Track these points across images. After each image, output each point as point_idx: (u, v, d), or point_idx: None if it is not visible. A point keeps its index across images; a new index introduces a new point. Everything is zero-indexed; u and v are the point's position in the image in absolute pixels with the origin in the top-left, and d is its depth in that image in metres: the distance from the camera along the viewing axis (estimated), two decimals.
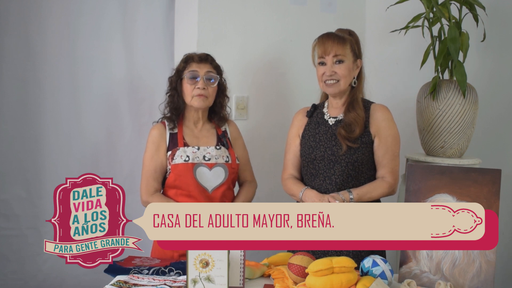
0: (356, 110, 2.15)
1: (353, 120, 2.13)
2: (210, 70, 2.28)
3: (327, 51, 2.13)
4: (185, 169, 2.21)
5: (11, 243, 2.86)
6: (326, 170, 2.15)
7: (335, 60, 2.13)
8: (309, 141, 2.21)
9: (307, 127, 2.26)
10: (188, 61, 2.29)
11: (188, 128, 2.31)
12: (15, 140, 2.86)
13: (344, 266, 1.67)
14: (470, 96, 2.46)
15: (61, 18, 2.87)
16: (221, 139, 2.32)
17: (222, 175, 2.26)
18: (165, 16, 3.03)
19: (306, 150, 2.21)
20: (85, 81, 2.93)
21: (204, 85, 2.24)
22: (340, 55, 2.12)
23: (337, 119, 2.20)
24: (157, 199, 2.22)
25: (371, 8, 3.18)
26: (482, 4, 2.48)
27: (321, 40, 2.16)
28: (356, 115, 2.13)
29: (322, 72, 2.17)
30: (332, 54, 2.12)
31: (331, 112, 2.24)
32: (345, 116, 2.17)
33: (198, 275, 1.66)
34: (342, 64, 2.13)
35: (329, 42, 2.13)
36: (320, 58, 2.16)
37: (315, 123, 2.24)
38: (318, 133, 2.21)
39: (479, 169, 1.89)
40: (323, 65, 2.16)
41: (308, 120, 2.27)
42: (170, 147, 2.25)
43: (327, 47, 2.13)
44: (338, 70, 2.14)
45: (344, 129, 2.13)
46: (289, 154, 2.30)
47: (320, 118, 2.24)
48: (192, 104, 2.26)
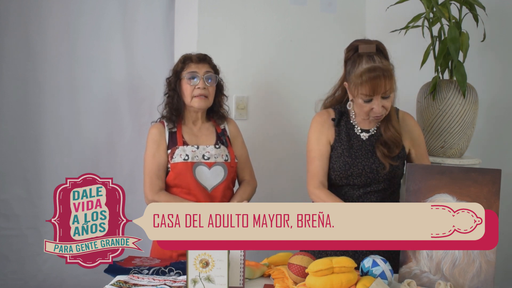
0: (394, 125, 2.07)
1: (393, 139, 2.06)
2: (209, 70, 2.28)
3: (377, 91, 1.96)
4: (185, 168, 2.21)
5: (11, 243, 2.86)
6: (363, 187, 2.09)
7: (383, 96, 1.99)
8: (344, 156, 2.09)
9: (338, 138, 2.13)
10: (186, 61, 2.29)
11: (187, 127, 2.32)
12: (15, 140, 2.86)
13: (344, 266, 1.67)
14: (470, 96, 2.46)
15: (61, 18, 2.87)
16: (220, 138, 2.33)
17: (222, 174, 2.26)
18: (165, 16, 3.04)
19: (341, 165, 2.09)
20: (85, 81, 2.93)
21: (204, 85, 2.25)
22: (388, 91, 1.98)
23: (370, 133, 2.11)
24: (163, 197, 2.22)
25: (371, 8, 3.18)
26: (482, 4, 2.47)
27: (369, 79, 1.95)
28: (395, 134, 2.06)
29: (368, 108, 2.01)
30: (381, 92, 1.97)
31: (361, 125, 2.13)
32: (384, 133, 2.08)
33: (198, 275, 1.66)
34: (389, 97, 2.01)
35: (380, 81, 1.95)
36: (367, 97, 1.99)
37: (346, 134, 2.12)
38: (352, 147, 2.10)
39: (479, 169, 1.89)
40: (369, 102, 2.00)
41: (337, 129, 2.14)
42: (170, 146, 2.25)
43: (376, 87, 1.96)
44: (386, 104, 2.01)
45: (385, 147, 2.06)
46: (319, 161, 2.13)
47: (350, 130, 2.13)
48: (193, 105, 2.26)
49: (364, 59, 1.98)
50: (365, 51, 2.00)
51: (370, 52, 1.99)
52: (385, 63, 1.98)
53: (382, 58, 1.99)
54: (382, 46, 2.05)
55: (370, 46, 2.01)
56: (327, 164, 2.12)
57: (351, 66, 2.03)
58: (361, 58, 1.99)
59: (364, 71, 1.96)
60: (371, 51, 1.99)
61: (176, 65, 2.33)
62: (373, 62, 1.97)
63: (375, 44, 2.02)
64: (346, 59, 2.08)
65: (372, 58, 1.98)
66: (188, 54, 2.34)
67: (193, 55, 2.32)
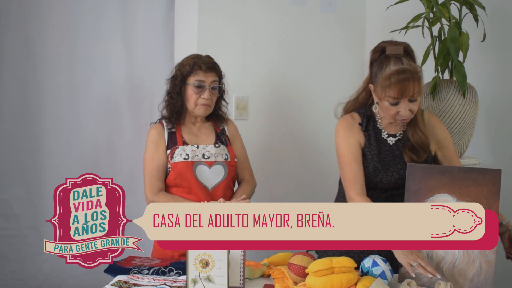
0: (421, 129, 2.02)
1: (421, 144, 2.01)
2: (216, 80, 2.27)
3: (405, 94, 1.90)
4: (185, 167, 2.21)
5: (11, 243, 2.86)
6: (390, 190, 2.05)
7: (410, 99, 1.93)
8: (374, 161, 2.03)
9: (368, 143, 2.06)
10: (195, 67, 2.24)
11: (186, 127, 2.31)
12: (15, 140, 2.86)
13: (344, 266, 1.67)
14: (470, 96, 2.46)
15: (61, 18, 2.87)
16: (219, 137, 2.33)
17: (222, 173, 2.26)
18: (165, 16, 3.03)
19: (371, 171, 2.02)
20: (85, 81, 2.93)
21: (209, 96, 2.24)
22: (416, 94, 1.91)
23: (397, 138, 2.06)
24: (163, 198, 2.22)
25: (371, 8, 3.18)
26: (482, 4, 2.48)
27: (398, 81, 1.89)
28: (423, 137, 2.01)
29: (395, 112, 1.95)
30: (409, 95, 1.91)
31: (388, 129, 2.07)
32: (412, 137, 2.02)
33: (198, 275, 1.66)
34: (417, 100, 1.94)
35: (409, 84, 1.89)
36: (395, 99, 1.92)
37: (375, 139, 2.06)
38: (381, 153, 2.04)
39: (479, 169, 1.89)
40: (396, 105, 1.94)
41: (366, 133, 2.07)
42: (169, 146, 2.25)
43: (405, 90, 1.89)
44: (412, 107, 1.94)
45: (413, 152, 2.01)
46: (356, 164, 2.02)
47: (378, 134, 2.07)
48: (195, 112, 2.26)
49: (392, 61, 1.91)
50: (393, 52, 1.93)
51: (398, 53, 1.93)
52: (413, 66, 1.92)
53: (410, 60, 1.93)
54: (409, 48, 1.97)
55: (398, 47, 1.95)
56: (362, 167, 2.03)
57: (377, 68, 1.96)
58: (389, 60, 1.93)
59: (392, 73, 1.89)
60: (399, 53, 1.93)
61: (182, 65, 2.27)
62: (401, 64, 1.90)
63: (403, 46, 1.95)
64: (372, 61, 2.01)
65: (400, 60, 1.91)
66: (198, 59, 2.27)
67: (203, 62, 2.25)
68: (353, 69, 3.23)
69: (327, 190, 3.21)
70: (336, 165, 3.22)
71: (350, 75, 3.23)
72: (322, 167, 3.18)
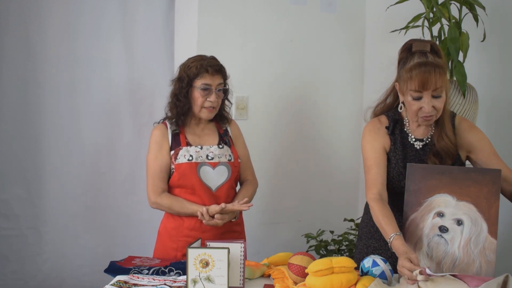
0: (448, 134, 1.95)
1: (446, 150, 1.94)
2: (222, 82, 2.26)
3: (426, 86, 1.85)
4: (189, 168, 2.20)
5: (11, 243, 2.86)
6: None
7: (434, 95, 1.87)
8: (398, 167, 1.97)
9: (393, 147, 2.00)
10: (201, 70, 2.21)
11: (190, 128, 2.31)
12: (15, 140, 2.86)
13: (344, 266, 1.67)
14: (470, 96, 2.46)
15: (61, 18, 2.87)
16: (223, 138, 2.33)
17: (226, 173, 2.26)
18: (165, 16, 3.04)
19: (395, 175, 1.97)
20: (85, 81, 2.93)
21: (215, 99, 2.23)
22: (439, 89, 1.86)
23: (424, 142, 2.00)
24: (166, 199, 2.22)
25: (371, 8, 3.18)
26: (482, 4, 2.48)
27: (419, 73, 1.85)
28: (449, 143, 1.94)
29: (417, 107, 1.90)
30: (432, 89, 1.86)
31: (415, 133, 2.01)
32: (437, 142, 1.96)
33: (198, 275, 1.66)
34: (441, 97, 1.89)
35: (430, 76, 1.84)
36: (417, 93, 1.88)
37: (401, 143, 2.00)
38: (406, 158, 1.98)
39: (479, 169, 1.89)
40: (419, 100, 1.89)
41: (392, 137, 2.02)
42: (173, 147, 2.25)
43: (426, 82, 1.84)
44: (436, 104, 1.88)
45: (437, 158, 1.95)
46: (377, 168, 1.96)
47: (405, 139, 2.02)
48: (201, 115, 2.25)
49: (417, 55, 1.89)
50: (419, 48, 1.91)
51: (423, 49, 1.90)
52: (438, 60, 1.88)
53: (436, 57, 1.89)
54: (437, 46, 1.94)
55: (424, 44, 1.92)
56: (385, 171, 1.97)
57: (402, 64, 1.94)
58: (413, 55, 1.90)
59: (414, 65, 1.86)
60: (424, 49, 1.90)
61: (189, 68, 2.24)
62: (425, 58, 1.87)
63: (429, 44, 1.92)
64: (399, 60, 1.98)
65: (425, 54, 1.88)
66: (204, 60, 2.24)
67: (209, 65, 2.22)
68: (353, 69, 3.24)
69: (327, 189, 3.22)
70: (335, 165, 3.25)
71: (350, 75, 3.24)
72: (322, 166, 3.18)
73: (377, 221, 1.86)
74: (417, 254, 1.79)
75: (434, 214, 1.83)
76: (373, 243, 2.06)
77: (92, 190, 2.95)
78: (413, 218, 1.85)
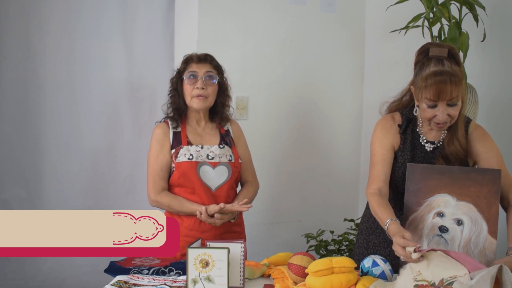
0: (459, 139, 1.93)
1: (455, 154, 1.92)
2: (210, 70, 2.27)
3: (442, 96, 1.82)
4: (189, 167, 2.21)
5: None
6: None
7: (449, 103, 1.84)
8: (404, 167, 1.95)
9: (402, 147, 1.99)
10: (188, 62, 2.28)
11: (191, 127, 2.31)
12: (15, 140, 2.86)
13: (344, 266, 1.67)
14: (470, 96, 2.46)
15: (61, 18, 2.87)
16: (224, 138, 2.33)
17: (226, 174, 2.26)
18: (165, 16, 3.04)
19: (400, 175, 1.96)
20: (85, 81, 2.93)
21: (203, 85, 2.24)
22: (454, 98, 1.83)
23: (435, 145, 1.98)
24: (165, 198, 2.22)
25: (371, 8, 3.18)
26: (482, 4, 2.48)
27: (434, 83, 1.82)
28: (459, 148, 1.92)
29: (431, 115, 1.87)
30: (447, 99, 1.83)
31: (428, 136, 1.99)
32: (447, 146, 1.94)
33: (198, 275, 1.66)
34: (456, 105, 1.86)
35: (446, 86, 1.81)
36: (432, 102, 1.85)
37: (411, 143, 1.99)
38: (414, 158, 1.97)
39: (479, 169, 1.89)
40: (433, 108, 1.86)
41: (402, 137, 2.00)
42: (174, 146, 2.26)
43: (441, 93, 1.81)
44: (451, 112, 1.85)
45: (445, 161, 1.93)
46: (382, 165, 1.96)
47: (415, 139, 2.00)
48: (192, 105, 2.26)
49: (433, 62, 1.85)
50: (436, 54, 1.87)
51: (440, 55, 1.86)
52: (454, 68, 1.84)
53: (453, 64, 1.85)
54: (454, 51, 1.90)
55: (441, 49, 1.87)
56: (389, 169, 1.97)
57: (418, 69, 1.90)
58: (430, 61, 1.86)
59: (430, 74, 1.83)
60: (441, 55, 1.86)
61: (180, 64, 2.33)
62: (441, 66, 1.83)
63: (447, 49, 1.88)
64: (416, 62, 1.94)
65: (441, 62, 1.84)
66: (191, 54, 2.33)
67: (195, 55, 2.31)
68: (353, 69, 3.24)
69: (327, 189, 3.22)
70: (335, 165, 3.25)
71: (350, 75, 3.24)
72: (322, 166, 3.18)
73: (374, 212, 1.87)
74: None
75: (434, 214, 1.83)
76: (373, 239, 2.06)
77: (92, 190, 2.95)
78: (413, 218, 1.85)
